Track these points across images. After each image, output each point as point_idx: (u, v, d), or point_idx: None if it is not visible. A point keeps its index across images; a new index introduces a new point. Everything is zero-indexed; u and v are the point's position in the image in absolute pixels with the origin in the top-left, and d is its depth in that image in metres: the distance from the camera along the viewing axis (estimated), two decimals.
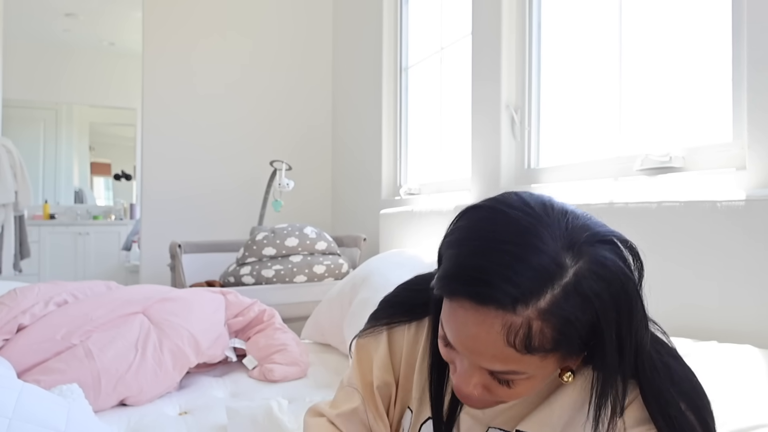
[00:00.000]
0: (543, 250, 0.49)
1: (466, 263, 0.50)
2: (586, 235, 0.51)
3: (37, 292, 1.55)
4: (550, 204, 0.53)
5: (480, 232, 0.52)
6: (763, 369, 0.86)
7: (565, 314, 0.48)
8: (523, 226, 0.50)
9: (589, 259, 0.50)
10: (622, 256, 0.52)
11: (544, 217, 0.51)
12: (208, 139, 3.25)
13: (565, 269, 0.49)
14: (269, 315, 1.79)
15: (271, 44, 3.36)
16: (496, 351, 0.50)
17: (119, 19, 4.64)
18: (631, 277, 0.51)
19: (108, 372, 1.35)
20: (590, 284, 0.49)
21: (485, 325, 0.49)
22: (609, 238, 0.52)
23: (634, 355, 0.53)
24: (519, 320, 0.48)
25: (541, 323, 0.49)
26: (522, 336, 0.49)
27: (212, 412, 1.36)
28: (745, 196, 1.02)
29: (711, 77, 1.29)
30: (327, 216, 3.49)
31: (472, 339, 0.51)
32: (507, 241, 0.49)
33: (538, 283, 0.48)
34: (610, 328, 0.50)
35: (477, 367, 0.54)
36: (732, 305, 1.04)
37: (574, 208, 0.54)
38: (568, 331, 0.49)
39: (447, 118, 2.37)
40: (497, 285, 0.48)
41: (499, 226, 0.51)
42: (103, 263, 5.19)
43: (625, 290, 0.50)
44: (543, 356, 0.51)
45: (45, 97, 5.34)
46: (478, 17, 1.99)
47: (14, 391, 0.94)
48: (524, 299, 0.48)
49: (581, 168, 1.60)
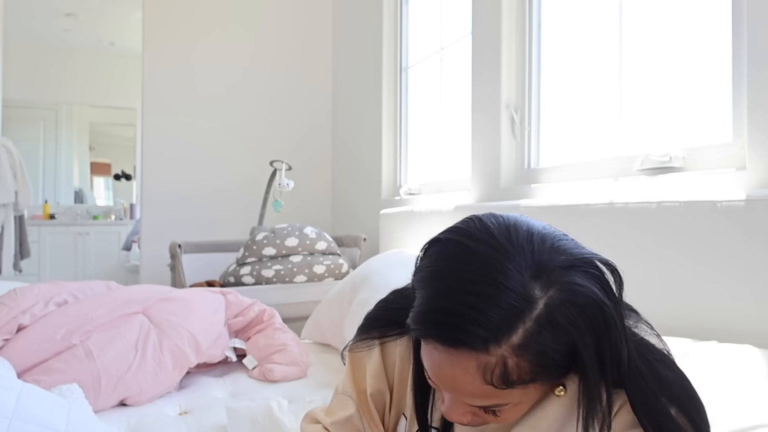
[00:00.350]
0: (510, 287, 0.47)
1: (434, 307, 0.50)
2: (554, 262, 0.49)
3: (37, 292, 1.56)
4: (514, 230, 0.51)
5: (444, 272, 0.51)
6: (763, 369, 0.86)
7: (540, 346, 0.48)
8: (486, 262, 0.49)
9: (560, 287, 0.49)
10: (595, 277, 0.50)
11: (508, 247, 0.49)
12: (207, 139, 3.25)
13: (535, 302, 0.48)
14: (269, 315, 1.79)
15: (272, 44, 3.36)
16: (475, 390, 0.50)
17: (119, 19, 4.65)
18: (606, 300, 0.50)
19: (108, 372, 1.35)
20: (563, 312, 0.48)
21: (460, 367, 0.49)
22: (578, 261, 0.51)
23: (617, 367, 0.53)
24: (493, 359, 0.48)
25: (517, 359, 0.48)
26: (498, 374, 0.48)
27: (212, 412, 1.36)
28: (745, 196, 1.02)
29: (711, 77, 1.29)
30: (327, 216, 3.49)
31: (449, 380, 0.51)
32: (472, 281, 0.48)
33: (507, 321, 0.47)
34: (588, 351, 0.49)
35: (461, 401, 0.54)
36: (732, 305, 1.04)
37: (540, 229, 0.52)
38: (545, 361, 0.49)
39: (447, 118, 2.37)
40: (466, 329, 0.47)
41: (463, 264, 0.50)
42: (103, 263, 5.19)
43: (601, 313, 0.49)
44: (524, 387, 0.51)
45: (45, 97, 5.34)
46: (478, 17, 1.99)
47: (14, 391, 0.94)
48: (496, 339, 0.47)
49: (581, 168, 1.60)
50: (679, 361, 0.60)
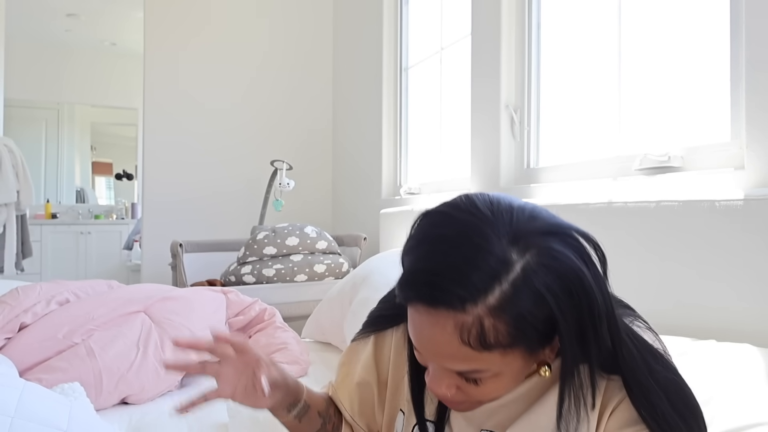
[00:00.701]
0: (488, 249, 0.49)
1: (417, 268, 0.52)
2: (532, 228, 0.51)
3: (39, 291, 1.56)
4: (496, 202, 0.53)
5: (429, 237, 0.53)
6: (762, 368, 0.86)
7: (517, 309, 0.49)
8: (468, 227, 0.51)
9: (537, 252, 0.50)
10: (574, 247, 0.52)
11: (488, 215, 0.52)
12: (208, 139, 3.25)
13: (512, 264, 0.49)
14: (270, 314, 1.79)
15: (273, 43, 3.37)
16: (453, 351, 0.51)
17: (120, 20, 4.65)
18: (583, 267, 0.51)
19: (109, 370, 1.36)
20: (540, 278, 0.49)
21: (438, 326, 0.51)
22: (558, 230, 0.52)
23: (613, 348, 0.53)
24: (470, 319, 0.49)
25: (493, 320, 0.49)
26: (475, 334, 0.50)
27: (213, 411, 1.36)
28: (744, 195, 1.02)
29: (709, 77, 1.29)
30: (327, 215, 3.50)
31: (429, 341, 0.53)
32: (453, 245, 0.50)
33: (485, 281, 0.49)
34: (566, 320, 0.50)
35: (444, 368, 0.55)
36: (730, 304, 1.04)
37: (523, 204, 0.54)
38: (522, 325, 0.50)
39: (447, 117, 2.37)
40: (445, 287, 0.49)
41: (445, 229, 0.52)
42: (104, 262, 5.20)
43: (578, 280, 0.50)
44: (503, 352, 0.51)
45: (46, 97, 5.34)
46: (477, 17, 2.00)
47: (16, 389, 0.94)
48: (472, 298, 0.49)
49: (580, 167, 1.60)
50: (677, 360, 0.61)
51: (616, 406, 0.57)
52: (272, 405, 0.69)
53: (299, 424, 0.73)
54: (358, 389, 0.75)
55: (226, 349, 0.67)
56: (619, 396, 0.56)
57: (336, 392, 0.77)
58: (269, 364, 0.68)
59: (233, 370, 0.67)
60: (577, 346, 0.52)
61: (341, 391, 0.76)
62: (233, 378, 0.67)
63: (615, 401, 0.57)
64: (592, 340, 0.52)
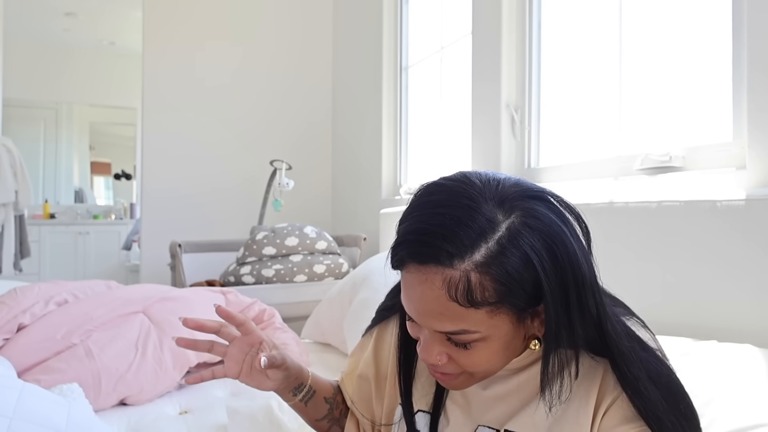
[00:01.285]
0: (476, 209, 0.52)
1: (410, 230, 0.55)
2: (516, 191, 0.54)
3: (38, 292, 1.56)
4: (485, 173, 0.57)
5: (422, 204, 0.56)
6: (763, 368, 0.86)
7: (503, 266, 0.51)
8: (457, 191, 0.54)
9: (521, 213, 0.53)
10: (556, 212, 0.55)
11: (477, 183, 0.55)
12: (208, 139, 3.25)
13: (498, 224, 0.52)
14: (269, 314, 1.79)
15: (271, 43, 3.36)
16: (442, 308, 0.53)
17: (119, 19, 4.65)
18: (566, 226, 0.54)
19: (108, 371, 1.35)
20: (524, 237, 0.52)
21: (428, 282, 0.53)
22: (541, 194, 0.55)
23: (598, 321, 0.55)
24: (457, 274, 0.52)
25: (480, 275, 0.51)
26: (462, 289, 0.51)
27: (212, 412, 1.36)
28: (745, 195, 1.02)
29: (711, 77, 1.29)
30: (327, 215, 3.50)
31: (419, 300, 0.54)
32: (443, 206, 0.54)
33: (472, 238, 0.52)
34: (550, 281, 0.52)
35: (434, 333, 0.57)
36: (732, 304, 1.04)
37: (510, 176, 0.58)
38: (509, 282, 0.51)
39: (447, 117, 2.37)
40: (434, 244, 0.52)
41: (437, 195, 0.56)
42: (103, 263, 5.19)
43: (563, 243, 0.53)
44: (490, 312, 0.53)
45: (45, 96, 5.34)
46: (478, 17, 1.99)
47: (15, 390, 0.94)
48: (460, 254, 0.51)
49: (581, 167, 1.60)
50: (678, 360, 0.61)
51: (611, 403, 0.57)
52: (276, 387, 0.73)
53: (306, 408, 0.77)
54: (359, 381, 0.78)
55: (232, 330, 0.72)
56: (615, 393, 0.57)
57: (343, 381, 0.81)
58: (271, 345, 0.72)
59: (238, 350, 0.71)
60: (562, 310, 0.53)
61: (347, 381, 0.81)
62: (239, 358, 0.71)
63: (611, 397, 0.57)
64: (575, 306, 0.53)
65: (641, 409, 0.54)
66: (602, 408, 0.57)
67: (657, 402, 0.54)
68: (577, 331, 0.54)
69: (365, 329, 0.81)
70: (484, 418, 0.64)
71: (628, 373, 0.55)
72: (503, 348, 0.56)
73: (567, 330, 0.54)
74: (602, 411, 0.57)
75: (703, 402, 0.80)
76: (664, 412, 0.54)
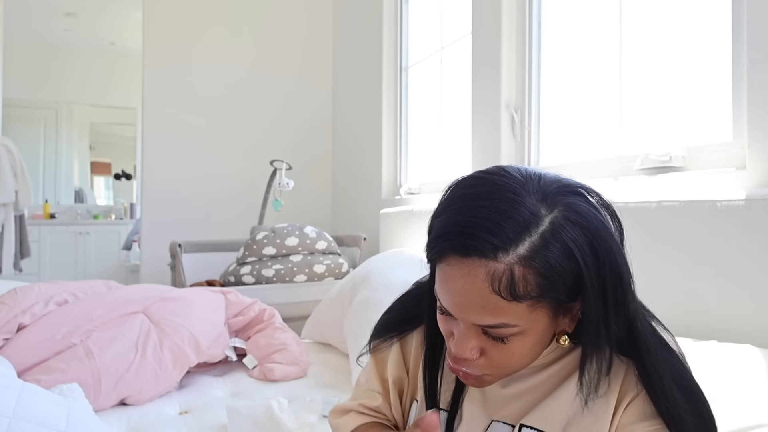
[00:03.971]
0: (519, 202, 0.52)
1: (451, 222, 0.54)
2: (558, 187, 0.55)
3: (38, 292, 1.56)
4: (524, 168, 0.57)
5: (462, 196, 0.56)
6: (763, 368, 0.86)
7: (546, 260, 0.51)
8: (499, 185, 0.54)
9: (563, 208, 0.53)
10: (595, 208, 0.55)
11: (518, 177, 0.55)
12: (208, 139, 3.25)
13: (541, 218, 0.52)
14: (269, 314, 1.79)
15: (272, 44, 3.36)
16: (483, 301, 0.52)
17: (119, 19, 4.64)
18: (605, 223, 0.54)
19: (108, 371, 1.35)
20: (566, 231, 0.52)
21: (470, 275, 0.52)
22: (581, 189, 0.56)
23: (630, 323, 0.55)
24: (501, 267, 0.51)
25: (523, 269, 0.51)
26: (506, 282, 0.51)
27: (212, 412, 1.36)
28: (745, 195, 1.02)
29: (711, 76, 1.29)
30: (327, 215, 3.49)
31: (459, 293, 0.54)
32: (486, 198, 0.53)
33: (516, 231, 0.51)
34: (591, 274, 0.52)
35: (471, 326, 0.56)
36: (732, 304, 1.04)
37: (548, 172, 0.58)
38: (551, 276, 0.51)
39: (447, 117, 2.37)
40: (478, 236, 0.51)
41: (479, 188, 0.55)
42: (103, 263, 5.19)
43: (601, 236, 0.53)
44: (531, 305, 0.53)
45: (45, 96, 5.34)
46: (478, 17, 1.99)
47: (14, 390, 0.94)
48: (504, 247, 0.51)
49: (581, 167, 1.60)
50: None
51: (632, 400, 0.57)
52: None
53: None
54: (395, 387, 0.74)
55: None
56: (636, 390, 0.57)
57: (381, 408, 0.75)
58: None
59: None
60: (601, 306, 0.53)
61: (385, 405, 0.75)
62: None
63: (631, 394, 0.58)
64: (612, 302, 0.53)
65: (664, 408, 0.55)
66: (623, 404, 0.58)
67: (680, 402, 0.55)
68: (613, 328, 0.54)
69: (378, 341, 0.77)
70: (498, 413, 0.64)
71: (653, 372, 0.56)
72: (537, 342, 0.57)
73: (605, 325, 0.54)
74: (623, 407, 0.57)
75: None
76: (686, 413, 0.55)
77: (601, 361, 0.56)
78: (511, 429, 0.62)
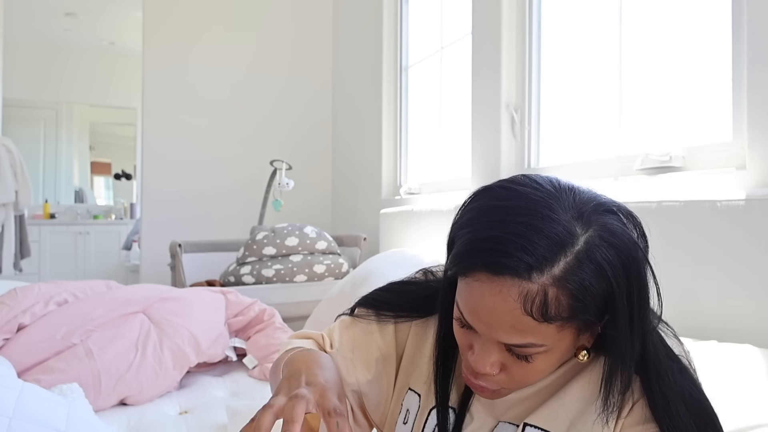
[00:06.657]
0: (555, 220, 0.50)
1: (481, 237, 0.51)
2: (592, 205, 0.52)
3: (38, 292, 1.56)
4: (557, 181, 0.55)
5: (493, 208, 0.53)
6: (763, 368, 0.86)
7: (580, 281, 0.49)
8: (534, 200, 0.52)
9: (598, 228, 0.51)
10: (627, 226, 0.54)
11: (552, 191, 0.53)
12: (208, 139, 3.25)
13: (577, 237, 0.50)
14: (269, 314, 1.79)
15: (272, 44, 3.36)
16: (514, 321, 0.50)
17: (119, 19, 4.64)
18: (639, 244, 0.53)
19: (108, 371, 1.35)
20: (601, 252, 0.50)
21: (502, 294, 0.50)
22: (615, 208, 0.54)
23: (642, 344, 0.54)
24: (535, 288, 0.49)
25: (557, 290, 0.49)
26: (539, 303, 0.49)
27: (212, 412, 1.36)
28: (745, 195, 1.02)
29: (711, 76, 1.29)
30: (327, 215, 3.49)
31: (488, 311, 0.51)
32: (520, 213, 0.51)
33: (551, 250, 0.49)
34: (622, 295, 0.50)
35: (495, 343, 0.54)
36: (732, 304, 1.04)
37: (579, 185, 0.56)
38: (584, 298, 0.50)
39: (447, 117, 2.37)
40: (512, 254, 0.49)
41: (512, 201, 0.52)
42: (103, 263, 5.19)
43: (635, 257, 0.51)
44: (560, 326, 0.51)
45: (45, 96, 5.34)
46: (478, 17, 1.99)
47: (14, 390, 0.94)
48: (539, 267, 0.49)
49: (581, 167, 1.60)
50: None
51: (633, 404, 0.57)
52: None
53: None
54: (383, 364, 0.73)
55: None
56: (638, 395, 0.57)
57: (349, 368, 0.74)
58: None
59: None
60: (628, 326, 0.52)
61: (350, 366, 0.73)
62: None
63: (629, 402, 0.57)
64: (637, 322, 0.52)
65: (668, 429, 0.54)
66: (626, 408, 0.57)
67: (688, 426, 0.54)
68: (635, 347, 0.53)
69: (370, 311, 0.77)
70: (506, 415, 0.63)
71: (658, 393, 0.54)
72: (559, 359, 0.56)
73: (630, 345, 0.53)
74: (626, 410, 0.57)
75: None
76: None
77: (626, 382, 0.54)
78: (516, 428, 0.62)
